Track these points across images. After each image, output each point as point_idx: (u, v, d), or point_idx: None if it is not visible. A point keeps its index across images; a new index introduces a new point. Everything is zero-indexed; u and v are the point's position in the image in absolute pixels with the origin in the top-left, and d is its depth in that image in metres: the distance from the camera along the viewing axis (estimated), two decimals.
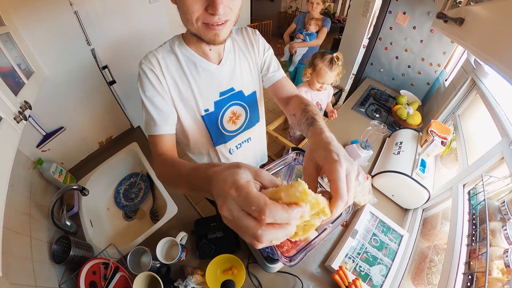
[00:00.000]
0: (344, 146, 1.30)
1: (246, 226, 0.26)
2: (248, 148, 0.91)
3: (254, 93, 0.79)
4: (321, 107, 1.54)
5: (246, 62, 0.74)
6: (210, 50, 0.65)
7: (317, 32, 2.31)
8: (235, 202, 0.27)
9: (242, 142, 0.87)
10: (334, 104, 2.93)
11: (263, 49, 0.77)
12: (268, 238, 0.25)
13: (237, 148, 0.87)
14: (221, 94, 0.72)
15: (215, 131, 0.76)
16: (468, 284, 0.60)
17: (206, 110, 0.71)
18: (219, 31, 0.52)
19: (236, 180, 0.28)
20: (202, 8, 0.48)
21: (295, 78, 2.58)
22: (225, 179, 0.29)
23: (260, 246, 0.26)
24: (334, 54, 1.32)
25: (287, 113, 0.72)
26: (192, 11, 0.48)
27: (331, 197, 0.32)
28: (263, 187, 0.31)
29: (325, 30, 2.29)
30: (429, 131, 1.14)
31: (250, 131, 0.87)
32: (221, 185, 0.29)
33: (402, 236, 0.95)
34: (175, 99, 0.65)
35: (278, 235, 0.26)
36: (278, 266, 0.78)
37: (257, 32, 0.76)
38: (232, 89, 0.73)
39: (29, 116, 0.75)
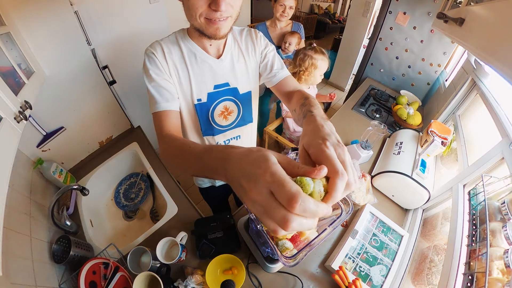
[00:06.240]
0: None
1: (276, 210, 0.26)
2: (237, 144, 0.90)
3: (249, 92, 0.81)
4: None
5: (244, 62, 0.76)
6: (210, 45, 0.68)
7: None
8: (267, 187, 0.26)
9: (231, 138, 0.89)
10: (334, 104, 2.92)
11: (263, 49, 0.78)
12: (295, 224, 0.25)
13: (225, 143, 0.88)
14: (216, 87, 0.74)
15: (205, 121, 0.79)
16: (468, 284, 0.60)
17: (198, 100, 0.73)
18: (220, 25, 0.56)
19: (271, 166, 0.27)
20: (206, 5, 0.52)
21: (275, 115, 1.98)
22: (256, 163, 0.28)
23: (283, 233, 0.26)
24: (313, 45, 1.33)
25: (290, 110, 0.71)
26: (196, 7, 0.52)
27: None
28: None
29: (303, 43, 1.73)
30: (429, 131, 1.14)
31: (241, 129, 0.88)
32: (251, 169, 0.29)
33: (402, 236, 0.95)
34: (175, 84, 0.68)
35: (304, 224, 0.26)
36: (278, 266, 0.78)
37: (260, 33, 0.77)
38: (227, 84, 0.75)
39: (29, 116, 0.75)
